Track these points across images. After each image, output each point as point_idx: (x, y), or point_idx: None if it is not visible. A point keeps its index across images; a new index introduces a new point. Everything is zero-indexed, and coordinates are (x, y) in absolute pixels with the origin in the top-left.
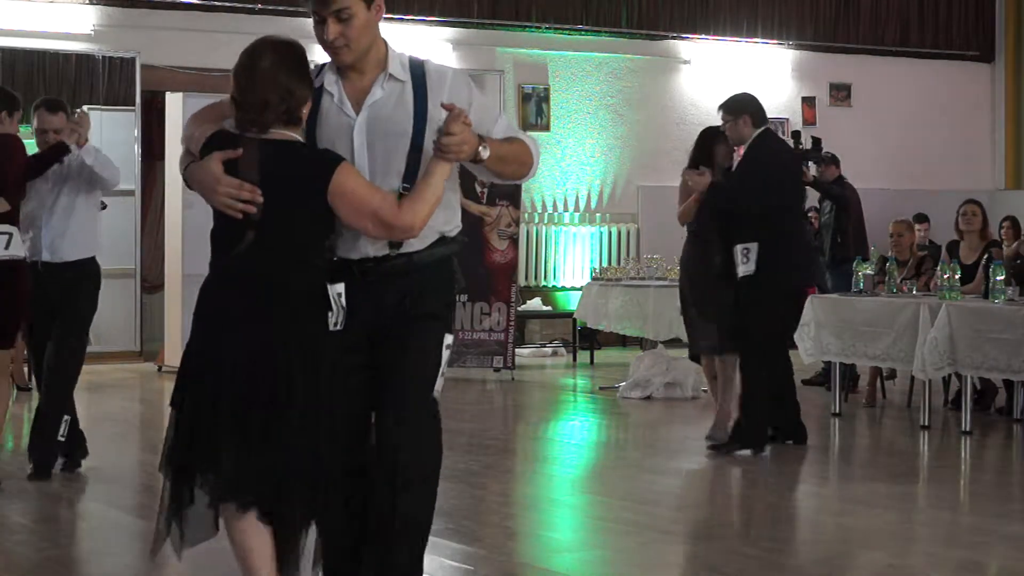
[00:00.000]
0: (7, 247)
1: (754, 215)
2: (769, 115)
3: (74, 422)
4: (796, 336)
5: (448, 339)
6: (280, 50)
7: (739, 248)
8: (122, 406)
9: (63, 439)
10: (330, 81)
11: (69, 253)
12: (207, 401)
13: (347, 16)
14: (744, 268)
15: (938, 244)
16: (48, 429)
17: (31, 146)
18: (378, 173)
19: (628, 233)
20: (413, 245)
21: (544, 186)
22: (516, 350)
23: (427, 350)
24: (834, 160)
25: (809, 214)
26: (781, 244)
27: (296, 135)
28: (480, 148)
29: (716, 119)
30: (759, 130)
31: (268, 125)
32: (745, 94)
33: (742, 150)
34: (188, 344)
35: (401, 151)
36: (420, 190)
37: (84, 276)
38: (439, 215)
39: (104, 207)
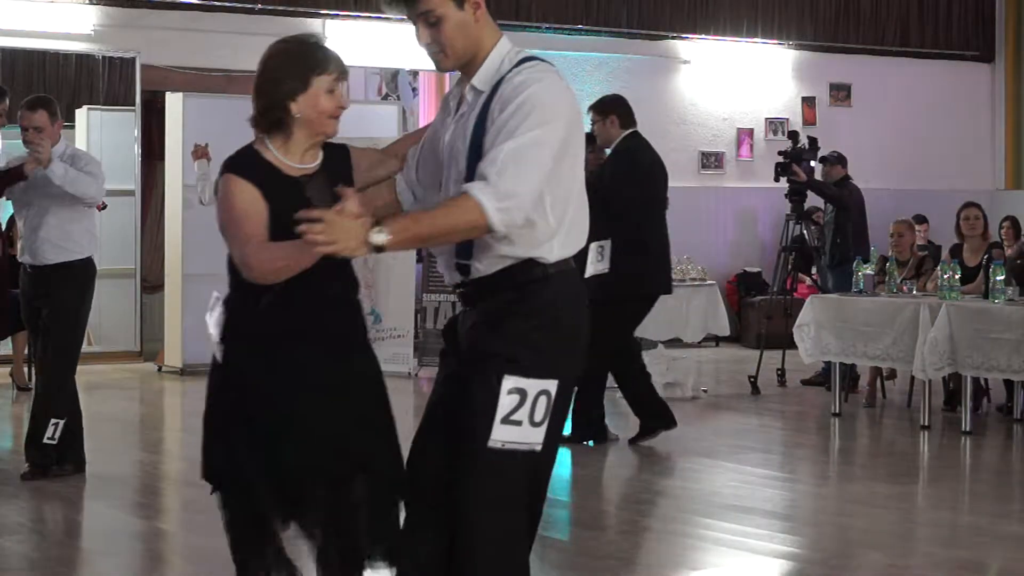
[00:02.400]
0: None
1: (611, 215)
2: (769, 115)
3: (74, 426)
4: (796, 336)
5: (510, 382)
6: (278, 44)
7: (594, 245)
8: (122, 406)
9: (52, 441)
10: (455, 91)
11: (49, 256)
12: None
13: (435, 20)
14: (597, 266)
15: (938, 244)
16: (36, 431)
17: (18, 146)
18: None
19: None
20: (479, 270)
21: None
22: None
23: (477, 393)
24: (840, 160)
25: (813, 215)
26: (636, 248)
27: (276, 142)
28: (372, 235)
29: (716, 119)
30: (626, 132)
31: (261, 131)
32: (615, 95)
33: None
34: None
35: (455, 181)
36: (282, 245)
37: (67, 279)
38: (524, 234)
39: (104, 207)
